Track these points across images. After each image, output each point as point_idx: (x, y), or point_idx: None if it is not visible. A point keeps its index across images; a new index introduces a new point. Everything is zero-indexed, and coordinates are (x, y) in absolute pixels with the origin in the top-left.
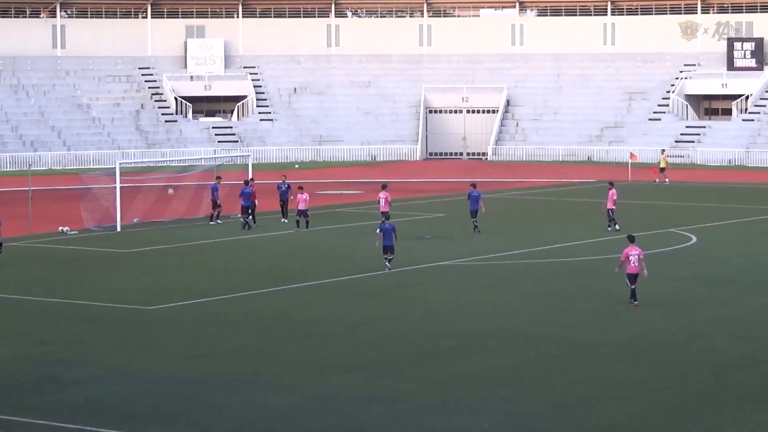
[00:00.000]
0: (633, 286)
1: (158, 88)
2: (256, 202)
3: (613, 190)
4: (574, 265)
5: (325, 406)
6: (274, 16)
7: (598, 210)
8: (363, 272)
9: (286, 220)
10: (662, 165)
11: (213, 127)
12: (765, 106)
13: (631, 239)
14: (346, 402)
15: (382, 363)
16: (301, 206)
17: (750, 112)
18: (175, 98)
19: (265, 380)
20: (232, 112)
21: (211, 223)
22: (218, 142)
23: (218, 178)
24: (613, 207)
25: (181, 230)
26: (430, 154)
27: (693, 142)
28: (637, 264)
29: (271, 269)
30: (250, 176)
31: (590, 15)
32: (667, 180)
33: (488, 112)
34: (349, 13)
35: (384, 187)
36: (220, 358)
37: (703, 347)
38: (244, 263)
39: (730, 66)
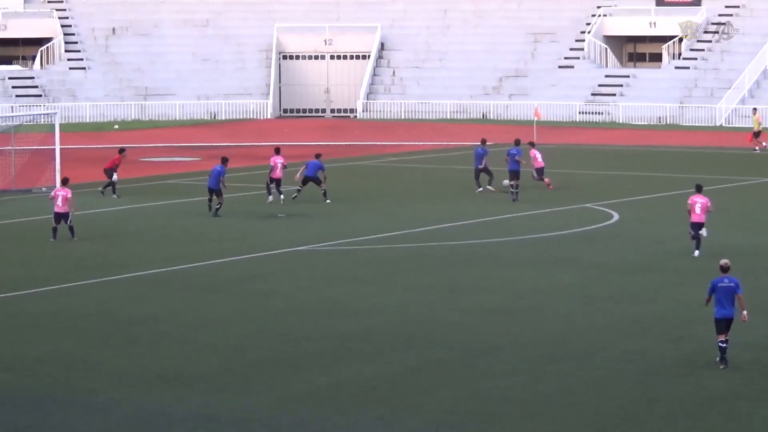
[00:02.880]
0: (695, 237)
1: None
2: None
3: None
4: (466, 250)
5: (152, 428)
6: None
7: (498, 180)
8: (202, 260)
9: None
10: (756, 128)
11: (9, 78)
12: (703, 50)
13: (699, 188)
14: (179, 423)
15: (225, 374)
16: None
17: (685, 58)
18: None
19: (78, 397)
20: (33, 58)
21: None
22: (16, 96)
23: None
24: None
25: None
26: (285, 110)
27: (614, 95)
28: (700, 212)
29: (86, 257)
30: (57, 138)
31: None
32: (765, 144)
33: (357, 57)
34: None
35: (277, 151)
36: (21, 370)
37: (626, 351)
38: (50, 249)
39: (660, 1)
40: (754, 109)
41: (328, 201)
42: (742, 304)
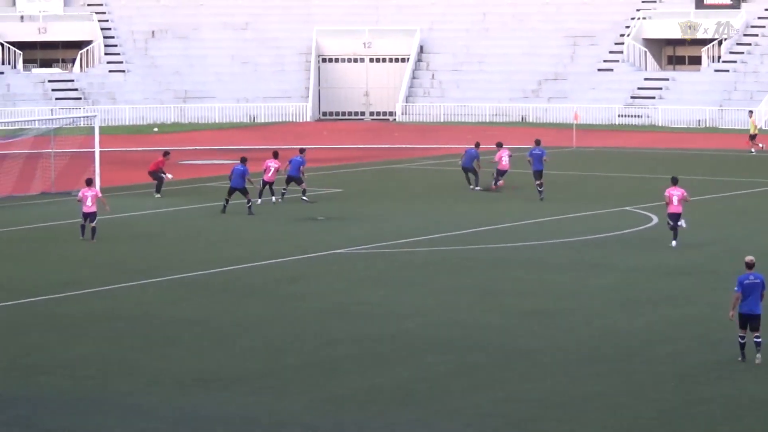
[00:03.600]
0: (673, 228)
1: None
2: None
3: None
4: (504, 253)
5: (190, 430)
6: None
7: (527, 185)
8: (240, 263)
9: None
10: (753, 131)
11: (49, 81)
12: (743, 53)
13: (674, 181)
14: (216, 426)
15: (263, 377)
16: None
17: (724, 61)
18: (1, 44)
19: (115, 399)
20: (73, 61)
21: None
22: (56, 99)
23: (302, 150)
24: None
25: (10, 211)
26: (324, 113)
27: (653, 98)
28: (677, 203)
29: (124, 259)
30: (97, 141)
31: None
32: (762, 146)
33: (397, 60)
34: None
35: (275, 155)
36: (59, 372)
37: (665, 354)
38: (89, 252)
39: (699, 3)
40: (750, 111)
41: (304, 198)
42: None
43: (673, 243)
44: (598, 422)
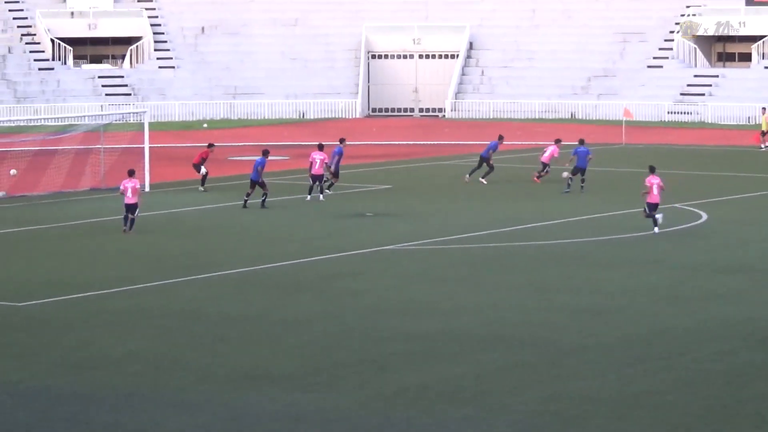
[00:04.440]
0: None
1: (30, 27)
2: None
3: None
4: (554, 250)
5: (239, 427)
6: None
7: (587, 181)
8: (289, 259)
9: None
10: (765, 128)
11: (99, 77)
12: None
13: (652, 169)
14: (266, 422)
15: (312, 373)
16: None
17: None
18: (51, 40)
19: (165, 395)
20: (123, 57)
21: (327, 192)
22: (106, 95)
23: (342, 140)
24: None
25: (59, 206)
26: (373, 110)
27: (703, 95)
28: (657, 193)
29: (174, 255)
30: (146, 137)
31: None
32: (765, 146)
33: (446, 57)
34: None
35: (320, 147)
36: (109, 367)
37: (714, 352)
38: (139, 247)
39: (750, 0)
40: (764, 108)
41: (265, 207)
42: None
43: (656, 230)
44: (646, 420)
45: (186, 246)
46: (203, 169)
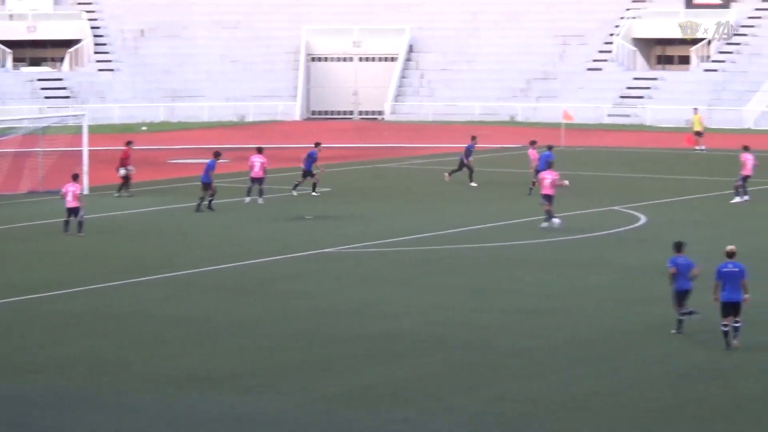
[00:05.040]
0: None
1: None
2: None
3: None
4: (495, 252)
5: (182, 429)
6: None
7: (522, 184)
8: (231, 261)
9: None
10: (697, 128)
11: (38, 79)
12: (732, 52)
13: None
14: (208, 424)
15: (255, 375)
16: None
17: (713, 61)
18: None
19: (108, 397)
20: (62, 60)
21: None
22: (45, 97)
23: (317, 144)
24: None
25: None
26: (313, 112)
27: (642, 97)
28: (549, 186)
29: (115, 258)
30: (86, 140)
31: None
32: (703, 147)
33: (386, 60)
34: None
35: (259, 150)
36: (51, 370)
37: (656, 353)
38: (80, 250)
39: (689, 3)
40: (695, 109)
41: (201, 212)
42: (745, 288)
43: (545, 224)
44: (591, 421)
45: (127, 249)
46: (122, 171)
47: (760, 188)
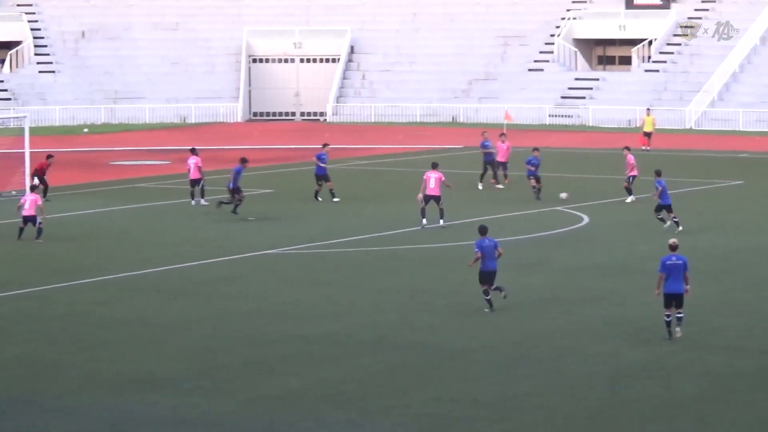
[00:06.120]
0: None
1: None
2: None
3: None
4: (435, 254)
5: (121, 431)
6: None
7: (466, 184)
8: (171, 263)
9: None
10: (648, 128)
11: None
12: (672, 53)
13: (434, 165)
14: (149, 427)
15: (195, 377)
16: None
17: (654, 61)
18: None
19: (47, 400)
20: (2, 62)
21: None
22: None
23: (325, 144)
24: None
25: None
26: (255, 114)
27: (584, 98)
28: (435, 186)
29: (55, 260)
30: (27, 142)
31: None
32: (648, 147)
33: (327, 61)
34: None
35: (193, 151)
36: None
37: (597, 353)
38: (20, 252)
39: (629, 4)
40: (648, 109)
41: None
42: (686, 280)
43: (423, 222)
44: (530, 422)
45: (66, 251)
46: (36, 180)
47: (716, 187)
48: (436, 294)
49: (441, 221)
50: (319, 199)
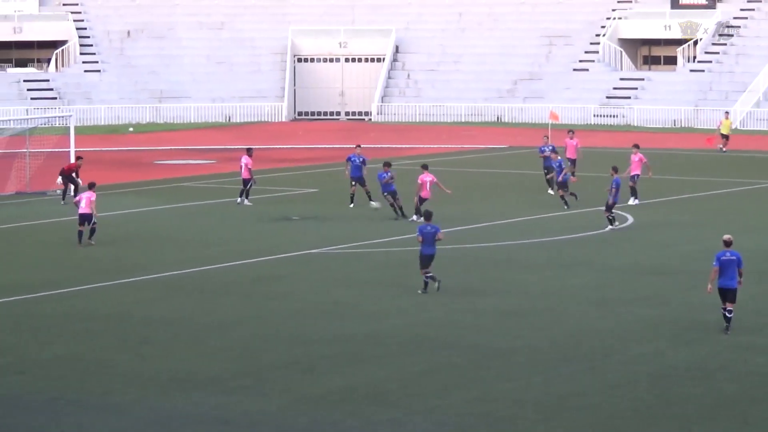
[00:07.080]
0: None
1: None
2: None
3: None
4: (479, 253)
5: (165, 430)
6: None
7: (514, 183)
8: (215, 263)
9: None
10: (725, 131)
11: (24, 80)
12: (718, 53)
13: (425, 167)
14: (192, 425)
15: (238, 376)
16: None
17: (699, 61)
18: None
19: (91, 399)
20: (48, 61)
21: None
22: (31, 99)
23: (387, 164)
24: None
25: None
26: (299, 113)
27: (629, 98)
28: (429, 189)
29: (100, 259)
30: (72, 141)
31: None
32: (725, 149)
33: (372, 60)
34: None
35: (248, 151)
36: (34, 372)
37: (640, 354)
38: (65, 252)
39: (675, 3)
40: (727, 112)
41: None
42: (741, 275)
43: (414, 218)
44: (572, 422)
45: (112, 250)
46: (59, 180)
47: (760, 188)
48: (478, 294)
49: (414, 216)
50: (351, 206)
